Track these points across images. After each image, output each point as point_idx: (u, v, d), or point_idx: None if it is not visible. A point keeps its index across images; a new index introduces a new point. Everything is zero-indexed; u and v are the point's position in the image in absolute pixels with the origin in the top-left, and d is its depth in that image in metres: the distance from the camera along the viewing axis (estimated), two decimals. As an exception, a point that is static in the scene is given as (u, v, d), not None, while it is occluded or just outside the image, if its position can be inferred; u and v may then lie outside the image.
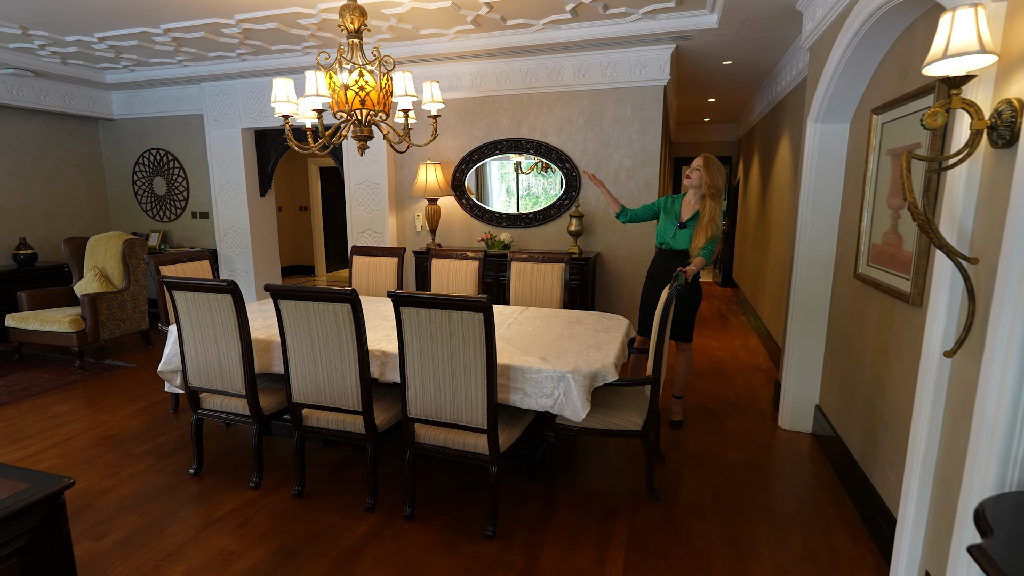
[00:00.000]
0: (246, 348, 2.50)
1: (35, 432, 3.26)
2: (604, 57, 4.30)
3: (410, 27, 3.97)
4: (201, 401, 2.73)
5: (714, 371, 4.45)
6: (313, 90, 2.46)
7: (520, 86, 4.60)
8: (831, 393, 3.03)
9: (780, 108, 4.99)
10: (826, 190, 3.04)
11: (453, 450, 2.29)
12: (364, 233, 5.21)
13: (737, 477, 2.77)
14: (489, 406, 2.14)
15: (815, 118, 2.99)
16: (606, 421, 2.46)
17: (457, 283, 3.77)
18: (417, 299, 2.11)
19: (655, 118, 4.33)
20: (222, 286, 2.40)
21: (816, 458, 2.98)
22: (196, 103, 5.73)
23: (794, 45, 4.02)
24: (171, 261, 3.47)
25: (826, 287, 3.13)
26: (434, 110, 2.88)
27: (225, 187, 5.70)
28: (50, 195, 5.86)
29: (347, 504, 2.51)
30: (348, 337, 2.28)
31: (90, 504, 2.50)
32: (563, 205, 4.67)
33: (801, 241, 3.17)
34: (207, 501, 2.54)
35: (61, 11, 3.69)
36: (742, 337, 5.50)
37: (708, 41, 4.06)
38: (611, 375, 2.27)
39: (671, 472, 2.82)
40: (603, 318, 3.06)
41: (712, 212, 3.00)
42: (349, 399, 2.37)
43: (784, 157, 4.75)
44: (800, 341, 3.24)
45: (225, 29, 4.02)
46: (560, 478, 2.75)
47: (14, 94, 5.19)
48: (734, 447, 3.09)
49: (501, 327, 2.87)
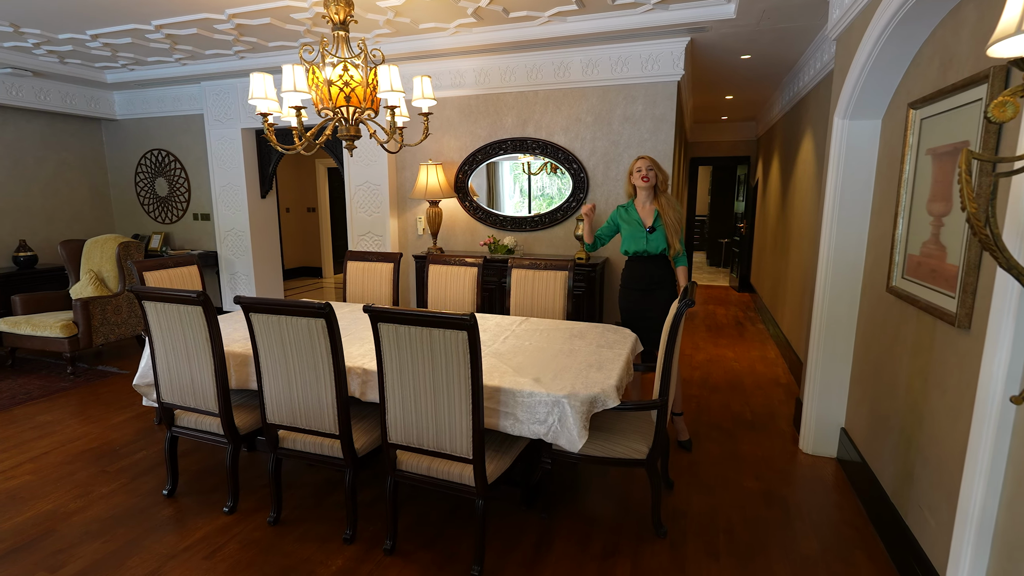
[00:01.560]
0: (219, 364, 2.32)
1: (13, 445, 3.12)
2: (614, 51, 4.07)
3: (408, 21, 3.78)
4: (175, 418, 2.56)
5: (730, 385, 4.18)
6: (290, 85, 2.28)
7: (525, 83, 4.38)
8: (859, 416, 2.75)
9: (803, 105, 4.70)
10: (854, 193, 2.77)
11: (436, 480, 2.08)
12: (365, 236, 5.04)
13: (754, 510, 2.51)
14: (475, 434, 1.92)
15: (843, 114, 2.72)
16: (607, 448, 2.23)
17: (455, 291, 3.56)
18: (395, 315, 1.90)
19: (668, 116, 4.08)
20: (191, 297, 2.22)
21: (842, 488, 2.71)
22: (197, 103, 5.61)
23: (819, 36, 3.74)
24: (157, 267, 3.31)
25: (853, 299, 2.85)
26: (425, 107, 2.68)
27: (225, 188, 5.58)
28: (52, 196, 5.79)
29: (325, 534, 2.31)
30: (323, 354, 2.08)
31: (53, 529, 2.34)
32: (570, 207, 4.44)
33: (825, 248, 2.90)
34: (177, 527, 2.36)
35: (48, 7, 3.56)
36: (760, 347, 5.21)
37: (725, 33, 3.80)
38: (612, 400, 2.05)
39: (681, 502, 2.58)
40: (607, 331, 2.83)
41: (670, 201, 3.04)
42: (325, 421, 2.17)
43: (807, 157, 4.46)
44: (824, 357, 2.97)
45: (218, 25, 3.87)
46: (558, 506, 2.53)
47: (14, 94, 5.12)
48: (751, 474, 2.83)
49: (496, 341, 2.66)
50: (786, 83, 5.25)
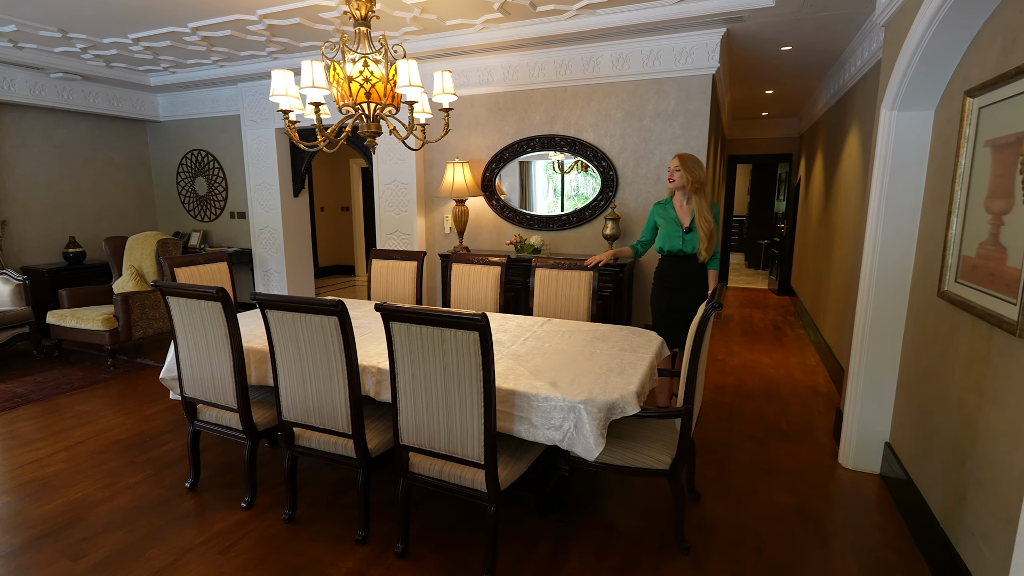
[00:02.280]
0: (237, 359, 2.33)
1: (51, 433, 3.25)
2: (645, 45, 3.93)
3: (435, 18, 3.75)
4: (197, 412, 2.60)
5: (765, 392, 3.98)
6: (309, 81, 2.26)
7: (554, 79, 4.29)
8: (905, 430, 2.55)
9: (848, 98, 4.44)
10: (903, 190, 2.57)
11: (448, 484, 2.03)
12: (393, 235, 5.05)
13: (787, 526, 2.36)
14: (487, 438, 1.86)
15: (891, 105, 2.53)
16: (627, 457, 2.12)
17: (478, 290, 3.51)
18: (406, 314, 1.86)
19: (702, 111, 3.91)
20: (211, 293, 2.24)
21: (884, 507, 2.51)
22: (234, 104, 5.75)
23: (866, 24, 3.51)
24: (187, 263, 3.38)
25: (900, 304, 2.65)
26: (446, 102, 2.63)
27: (260, 187, 5.70)
28: (99, 195, 6.05)
29: (338, 534, 2.29)
30: (336, 353, 2.06)
31: (80, 517, 2.40)
32: (599, 206, 4.32)
33: (870, 249, 2.71)
34: (196, 520, 2.39)
35: (90, 12, 3.69)
36: (799, 353, 4.96)
37: (764, 23, 3.61)
38: (631, 407, 1.94)
39: (706, 515, 2.45)
40: (631, 335, 2.72)
41: (701, 208, 2.95)
42: (339, 420, 2.15)
43: (852, 153, 4.21)
44: (868, 365, 2.77)
45: (250, 26, 3.94)
46: (576, 514, 2.43)
47: (65, 97, 5.36)
48: (784, 487, 2.67)
49: (516, 342, 2.59)
50: (831, 75, 4.98)
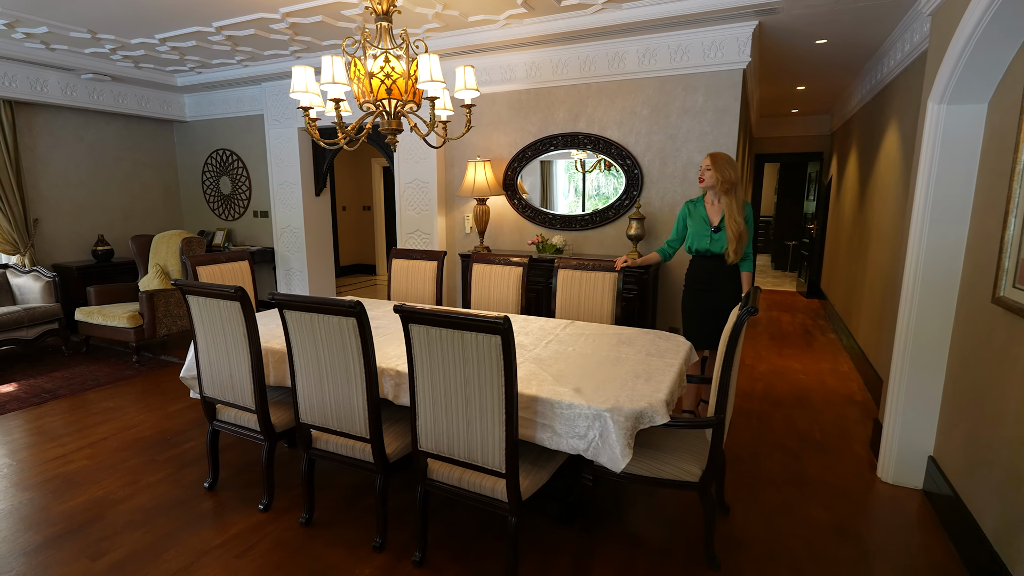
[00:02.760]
0: (256, 360, 2.30)
1: (76, 429, 3.28)
2: (673, 39, 3.81)
3: (457, 14, 3.69)
4: (216, 412, 2.58)
5: (796, 399, 3.82)
6: (329, 77, 2.22)
7: (578, 75, 4.20)
8: (952, 444, 2.40)
9: (887, 93, 4.25)
10: (951, 189, 2.42)
11: (468, 492, 1.96)
12: (413, 234, 5.01)
13: (823, 544, 2.23)
14: (508, 446, 1.78)
15: (939, 99, 2.38)
16: (655, 468, 2.03)
17: (499, 291, 3.44)
18: (426, 316, 1.79)
19: (732, 107, 3.78)
20: (230, 292, 2.21)
21: (928, 525, 2.37)
22: (258, 103, 5.79)
23: (909, 14, 3.34)
24: (209, 262, 3.39)
25: (947, 310, 2.50)
26: (468, 98, 2.57)
27: (282, 186, 5.73)
28: (127, 194, 6.15)
29: (356, 539, 2.25)
30: (355, 355, 2.01)
31: (101, 516, 2.40)
32: (623, 206, 4.22)
33: (914, 251, 2.56)
34: (214, 521, 2.37)
35: (118, 12, 3.73)
36: (831, 359, 4.78)
37: (799, 15, 3.47)
38: (660, 416, 1.85)
39: (737, 529, 2.33)
40: (658, 339, 2.61)
41: (731, 209, 2.89)
42: (356, 424, 2.10)
43: (890, 151, 4.02)
44: (910, 375, 2.62)
45: (273, 25, 3.94)
46: (599, 525, 2.34)
47: (95, 98, 5.46)
48: (820, 502, 2.54)
49: (538, 345, 2.51)
50: (867, 70, 4.78)
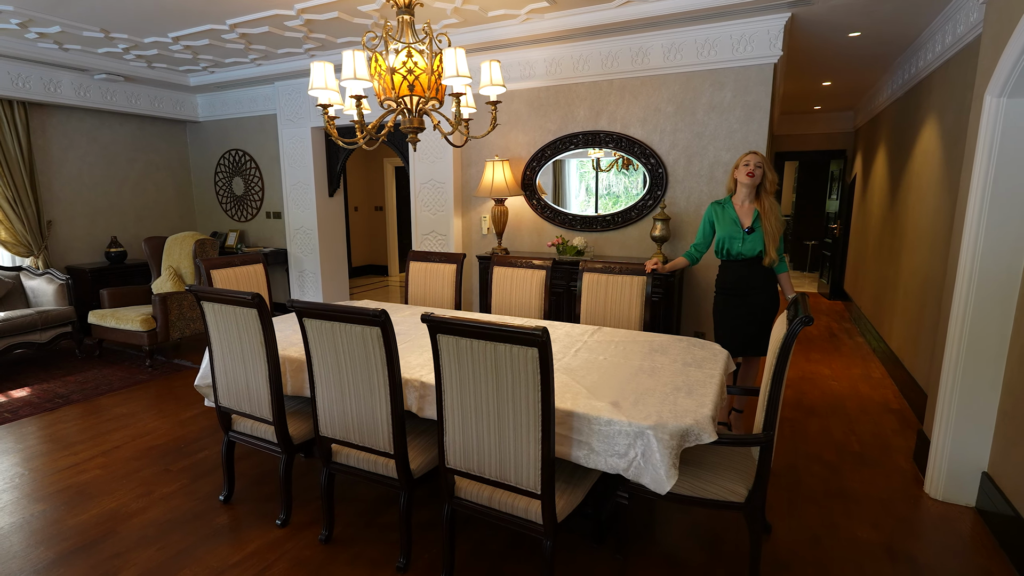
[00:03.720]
0: (273, 369, 2.20)
1: (89, 437, 3.21)
2: (700, 33, 3.67)
3: (477, 9, 3.58)
4: (232, 422, 2.49)
5: (829, 407, 3.67)
6: (351, 72, 2.11)
7: (600, 72, 4.06)
8: (1011, 461, 2.25)
9: (923, 88, 4.07)
10: (1012, 187, 2.26)
11: (499, 512, 1.84)
12: (429, 236, 4.91)
13: (875, 568, 2.09)
14: (544, 466, 1.66)
15: (999, 91, 2.22)
16: (696, 486, 1.90)
17: (521, 295, 3.32)
18: (456, 326, 1.68)
19: (762, 103, 3.63)
20: (246, 299, 2.11)
21: (987, 547, 2.21)
22: (271, 103, 5.72)
23: (954, 2, 3.17)
24: (224, 265, 3.29)
25: (1005, 316, 2.34)
26: (493, 95, 2.45)
27: (296, 187, 5.65)
28: (140, 195, 6.11)
29: (378, 558, 2.14)
30: (378, 366, 1.90)
31: (114, 530, 2.31)
32: (646, 206, 4.08)
33: (968, 254, 2.40)
34: (230, 537, 2.27)
35: (130, 10, 3.65)
36: (861, 364, 4.61)
37: (834, 6, 3.31)
38: (707, 434, 1.72)
39: (780, 550, 2.20)
40: (693, 346, 2.48)
41: (774, 208, 2.84)
42: (380, 438, 1.99)
43: (928, 148, 3.85)
44: (962, 385, 2.46)
45: (288, 22, 3.85)
46: (634, 545, 2.22)
47: (108, 99, 5.41)
48: (866, 520, 2.39)
49: (567, 354, 2.39)
50: (899, 64, 4.60)
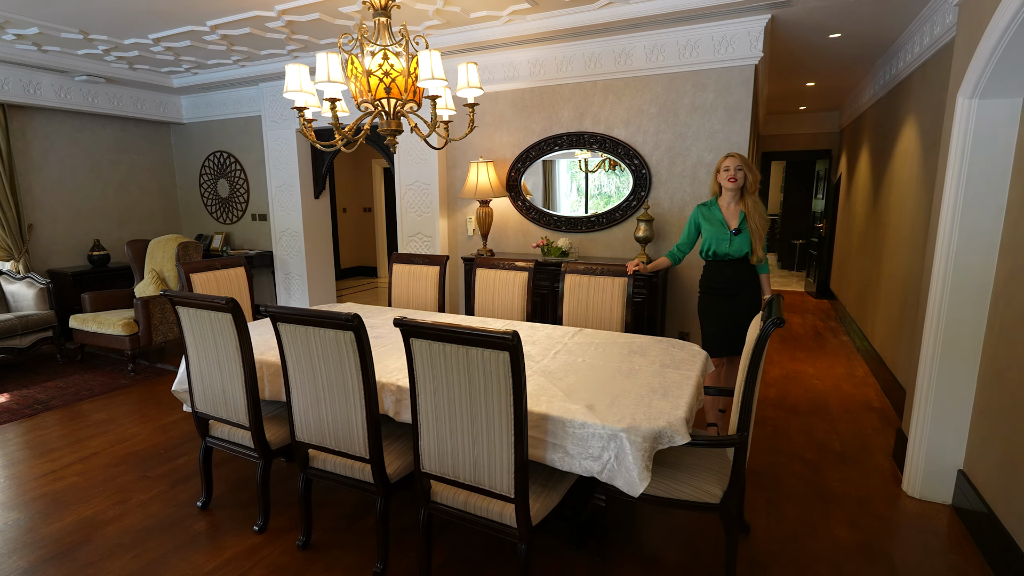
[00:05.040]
0: (249, 374, 2.18)
1: (68, 443, 3.17)
2: (682, 34, 3.68)
3: (459, 10, 3.57)
4: (209, 428, 2.46)
5: (812, 407, 3.69)
6: (324, 75, 2.10)
7: (583, 73, 4.07)
8: (986, 459, 2.27)
9: (903, 88, 4.11)
10: (983, 188, 2.29)
11: (474, 516, 1.84)
12: (414, 237, 4.89)
13: (852, 567, 2.10)
14: (517, 470, 1.66)
15: (970, 93, 2.24)
16: (673, 488, 1.90)
17: (504, 297, 3.32)
18: (429, 330, 1.67)
19: (743, 104, 3.65)
20: (221, 303, 2.09)
21: (963, 546, 2.24)
22: (255, 104, 5.67)
23: (930, 5, 3.20)
24: (204, 268, 3.26)
25: (979, 317, 2.36)
26: (471, 97, 2.44)
27: (281, 189, 5.61)
28: (124, 198, 6.04)
29: (355, 563, 2.13)
30: (353, 370, 1.89)
31: (89, 538, 2.28)
32: (630, 207, 4.09)
33: (942, 254, 2.43)
34: (207, 544, 2.25)
35: (110, 11, 3.61)
36: (845, 363, 4.64)
37: (814, 7, 3.33)
38: (680, 436, 1.72)
39: (759, 550, 2.21)
40: (672, 347, 2.49)
41: (758, 206, 2.86)
42: (355, 443, 1.98)
43: (908, 148, 3.89)
44: (938, 383, 2.49)
45: (269, 23, 3.82)
46: (613, 547, 2.22)
47: (90, 101, 5.35)
48: (844, 519, 2.41)
49: (546, 356, 2.39)
50: (881, 65, 4.64)
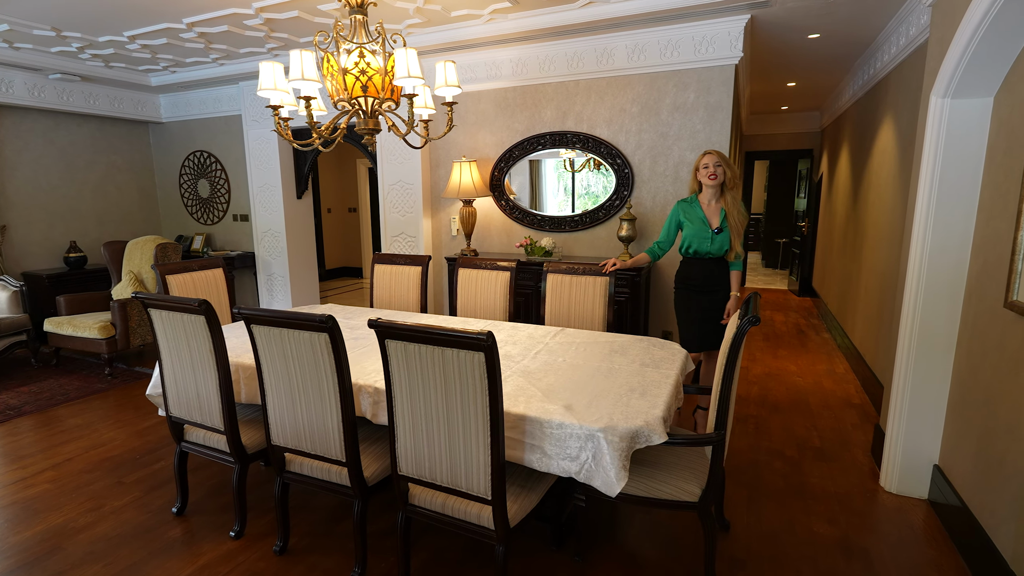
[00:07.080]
0: (224, 377, 2.14)
1: (41, 449, 3.09)
2: (663, 34, 3.69)
3: (439, 8, 3.55)
4: (184, 433, 2.42)
5: (793, 404, 3.72)
6: (299, 73, 2.07)
7: (566, 72, 4.07)
8: (960, 454, 2.30)
9: (881, 88, 4.16)
10: (956, 187, 2.32)
11: (452, 519, 1.82)
12: (398, 237, 4.86)
13: (829, 562, 2.12)
14: (494, 471, 1.65)
15: (943, 92, 2.27)
16: (651, 487, 1.90)
17: (486, 297, 3.30)
18: (404, 331, 1.65)
19: (724, 104, 3.67)
20: (193, 306, 2.05)
21: (938, 540, 2.26)
22: (236, 103, 5.60)
23: (905, 6, 3.24)
24: (180, 270, 3.21)
25: (953, 314, 2.40)
26: (449, 96, 2.42)
27: (263, 189, 5.54)
28: (101, 198, 5.93)
29: (334, 568, 2.10)
30: (328, 372, 1.86)
31: (59, 546, 2.23)
32: (613, 206, 4.09)
33: (917, 252, 2.46)
34: (181, 551, 2.21)
35: (82, 8, 3.53)
36: (826, 360, 4.69)
37: (792, 8, 3.36)
38: (657, 435, 1.72)
39: (739, 548, 2.21)
40: (653, 347, 2.49)
41: (736, 203, 2.89)
42: (332, 446, 1.95)
43: (886, 147, 3.94)
44: (914, 381, 2.52)
45: (247, 20, 3.76)
46: (593, 547, 2.22)
47: (65, 99, 5.24)
48: (823, 515, 2.43)
49: (527, 356, 2.37)
50: (859, 65, 4.70)
